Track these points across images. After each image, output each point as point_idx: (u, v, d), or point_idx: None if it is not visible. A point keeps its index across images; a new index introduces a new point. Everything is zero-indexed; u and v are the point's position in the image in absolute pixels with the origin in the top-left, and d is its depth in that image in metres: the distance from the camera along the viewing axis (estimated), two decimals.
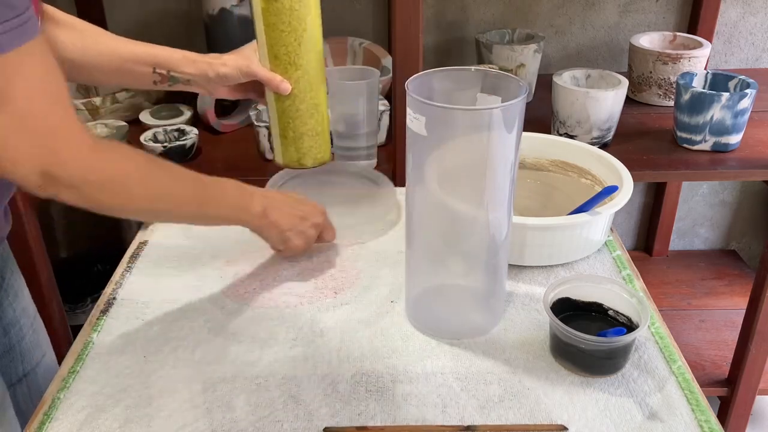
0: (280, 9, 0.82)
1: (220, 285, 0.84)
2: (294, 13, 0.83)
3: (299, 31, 0.84)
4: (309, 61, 0.86)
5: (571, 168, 0.97)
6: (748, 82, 1.23)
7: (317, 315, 0.79)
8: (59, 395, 0.69)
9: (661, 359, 0.72)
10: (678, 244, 1.90)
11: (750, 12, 1.60)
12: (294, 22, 0.83)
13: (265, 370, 0.71)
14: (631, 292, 0.72)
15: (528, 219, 0.81)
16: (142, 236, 0.94)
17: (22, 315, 0.91)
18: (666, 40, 1.48)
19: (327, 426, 0.65)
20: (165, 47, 0.89)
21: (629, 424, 0.65)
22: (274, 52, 0.85)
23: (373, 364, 0.72)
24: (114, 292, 0.83)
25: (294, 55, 0.85)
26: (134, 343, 0.75)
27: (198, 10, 1.49)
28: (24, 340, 0.90)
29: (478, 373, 0.71)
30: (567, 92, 1.22)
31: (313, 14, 0.85)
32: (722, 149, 1.24)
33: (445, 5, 1.58)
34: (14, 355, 0.89)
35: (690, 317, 1.66)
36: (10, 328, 0.89)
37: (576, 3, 1.58)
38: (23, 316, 0.91)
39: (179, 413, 0.66)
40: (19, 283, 0.91)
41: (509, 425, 0.65)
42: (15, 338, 0.90)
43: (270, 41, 0.85)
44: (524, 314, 0.79)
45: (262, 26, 0.84)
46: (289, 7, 0.82)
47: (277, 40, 0.84)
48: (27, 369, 0.90)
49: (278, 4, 0.82)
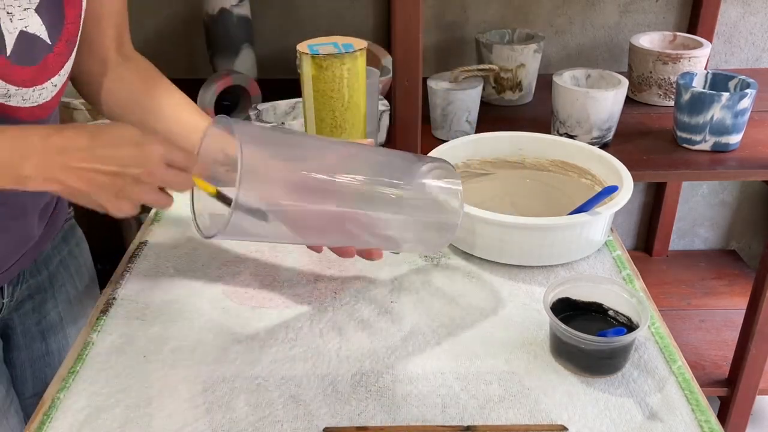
0: (331, 77, 0.84)
1: (220, 285, 0.84)
2: (344, 81, 0.85)
3: (347, 98, 0.86)
4: (353, 125, 0.88)
5: (571, 168, 0.97)
6: (748, 82, 1.23)
7: (317, 315, 0.79)
8: (59, 395, 0.69)
9: (661, 359, 0.72)
10: (678, 244, 1.90)
11: (750, 12, 1.60)
12: (343, 89, 0.85)
13: (265, 370, 0.71)
14: (631, 292, 0.72)
15: (528, 219, 0.81)
16: (142, 236, 0.94)
17: (70, 324, 0.91)
18: (666, 40, 1.48)
19: (327, 426, 0.65)
20: None
21: (629, 424, 0.65)
22: (321, 116, 0.87)
23: (373, 364, 0.72)
24: (114, 292, 0.83)
25: (340, 119, 0.88)
26: (134, 343, 0.75)
27: (198, 10, 1.49)
28: (67, 348, 0.90)
29: (478, 373, 0.71)
30: (567, 92, 1.22)
31: (361, 81, 0.87)
32: (722, 149, 1.24)
33: (445, 5, 1.58)
34: (50, 360, 0.89)
35: (690, 317, 1.66)
36: (51, 335, 0.89)
37: (576, 3, 1.58)
38: (70, 325, 0.91)
39: (179, 413, 0.66)
40: (72, 291, 0.92)
41: (509, 425, 0.65)
42: (55, 345, 0.90)
43: (318, 106, 0.87)
44: (524, 314, 0.79)
45: (311, 91, 0.86)
46: (339, 75, 0.84)
47: (325, 105, 0.86)
48: None
49: (329, 72, 0.84)
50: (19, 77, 0.67)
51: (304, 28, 1.59)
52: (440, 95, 1.26)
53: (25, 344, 0.88)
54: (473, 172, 1.00)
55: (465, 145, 0.99)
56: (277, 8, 1.57)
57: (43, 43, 0.69)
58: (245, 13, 1.42)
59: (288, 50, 1.32)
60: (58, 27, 0.70)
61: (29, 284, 0.86)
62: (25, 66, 0.68)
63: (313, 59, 0.84)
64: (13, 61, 0.66)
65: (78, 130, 0.63)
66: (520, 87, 1.45)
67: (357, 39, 0.88)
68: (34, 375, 0.89)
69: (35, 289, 0.87)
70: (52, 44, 0.70)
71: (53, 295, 0.89)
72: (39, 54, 0.69)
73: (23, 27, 0.66)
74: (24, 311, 0.86)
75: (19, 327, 0.86)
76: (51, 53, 0.70)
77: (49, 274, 0.88)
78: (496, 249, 0.85)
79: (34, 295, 0.87)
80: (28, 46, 0.67)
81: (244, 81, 1.32)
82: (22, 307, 0.86)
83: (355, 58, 0.85)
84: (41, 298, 0.88)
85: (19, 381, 0.88)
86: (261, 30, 1.55)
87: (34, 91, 0.70)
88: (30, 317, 0.87)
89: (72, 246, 0.92)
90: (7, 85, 0.66)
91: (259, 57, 1.50)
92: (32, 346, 0.89)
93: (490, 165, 1.01)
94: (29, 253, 0.82)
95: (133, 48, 0.85)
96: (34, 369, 0.89)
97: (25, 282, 0.85)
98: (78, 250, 0.94)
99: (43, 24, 0.68)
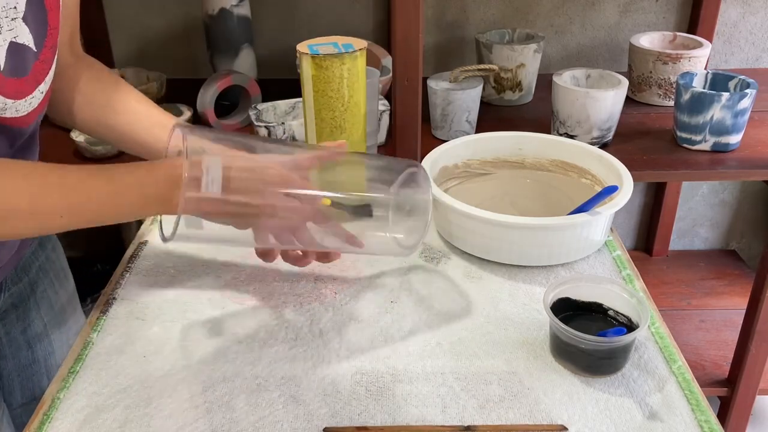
0: (331, 77, 0.84)
1: (219, 285, 0.84)
2: (344, 81, 0.85)
3: (347, 98, 0.86)
4: (353, 125, 0.88)
5: (571, 168, 0.97)
6: (748, 82, 1.23)
7: (317, 315, 0.79)
8: (59, 395, 0.69)
9: (661, 359, 0.72)
10: (678, 244, 1.90)
11: (750, 12, 1.60)
12: (343, 89, 0.85)
13: (265, 370, 0.71)
14: (631, 292, 0.72)
15: (528, 219, 0.81)
16: (142, 236, 0.94)
17: (54, 329, 0.90)
18: (666, 40, 1.48)
19: (327, 426, 0.65)
20: None
21: (629, 424, 0.65)
22: (321, 116, 0.87)
23: (373, 364, 0.72)
24: (114, 292, 0.83)
25: (340, 119, 0.87)
26: (134, 343, 0.75)
27: (198, 10, 1.49)
28: (53, 355, 0.89)
29: (478, 373, 0.71)
30: (567, 92, 1.22)
31: (361, 81, 0.86)
32: (722, 149, 1.24)
33: (445, 5, 1.58)
34: (37, 368, 0.89)
35: (690, 317, 1.66)
36: (36, 342, 0.89)
37: (576, 3, 1.58)
38: (55, 331, 0.90)
39: (179, 413, 0.66)
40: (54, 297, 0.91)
41: (509, 425, 0.65)
42: (41, 353, 0.89)
43: (318, 106, 0.86)
44: (524, 314, 0.79)
45: (311, 91, 0.85)
46: (339, 75, 0.84)
47: (325, 105, 0.86)
48: None
49: (329, 72, 0.83)
50: (13, 89, 0.66)
51: (304, 28, 1.59)
52: (440, 95, 1.26)
53: (12, 354, 0.86)
54: (473, 172, 1.00)
55: (465, 145, 0.99)
56: (277, 8, 1.57)
57: (30, 52, 0.68)
58: (245, 13, 1.42)
59: (288, 50, 1.32)
60: (42, 34, 0.69)
61: (11, 292, 0.84)
62: (18, 77, 0.66)
63: (313, 59, 0.84)
64: (6, 75, 0.65)
65: None
66: (520, 87, 1.45)
67: (357, 39, 0.88)
68: (22, 384, 0.88)
69: (18, 298, 0.85)
70: (38, 51, 0.69)
71: (36, 302, 0.87)
72: (28, 63, 0.68)
73: (12, 38, 0.65)
74: (9, 320, 0.85)
75: (4, 337, 0.85)
76: (37, 60, 0.69)
77: (29, 281, 0.86)
78: (496, 249, 0.85)
79: (18, 304, 0.85)
80: (18, 57, 0.66)
81: (244, 81, 1.32)
82: (7, 317, 0.84)
83: (355, 58, 0.85)
84: (24, 307, 0.86)
85: (6, 391, 0.87)
86: (261, 30, 1.55)
87: (26, 101, 0.68)
88: (15, 326, 0.86)
89: (48, 251, 0.91)
90: (4, 99, 0.65)
91: (259, 57, 1.50)
92: (18, 355, 0.87)
93: (490, 165, 1.01)
94: (10, 262, 0.81)
95: (81, 48, 0.84)
96: (22, 378, 0.88)
97: (7, 290, 0.83)
98: (55, 254, 0.92)
99: (30, 33, 0.67)
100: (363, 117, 0.89)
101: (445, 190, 0.93)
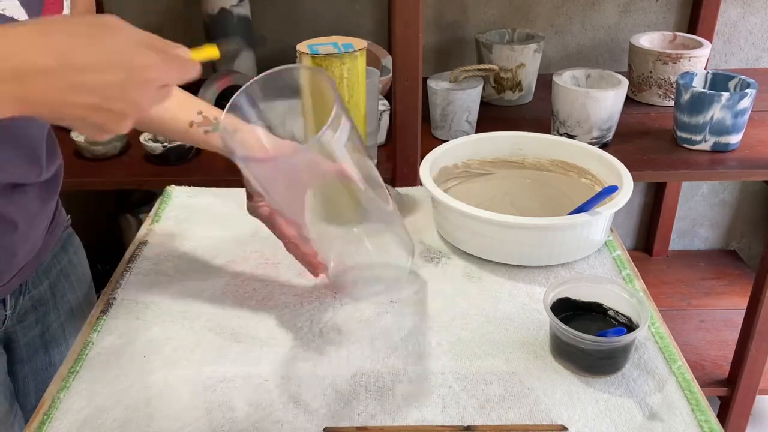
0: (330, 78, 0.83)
1: (219, 285, 0.84)
2: (344, 81, 0.84)
3: (347, 98, 0.85)
4: None
5: (571, 168, 0.97)
6: (748, 82, 1.23)
7: (317, 315, 0.79)
8: (59, 395, 0.69)
9: (661, 359, 0.72)
10: (678, 244, 1.90)
11: (750, 12, 1.60)
12: (343, 89, 0.84)
13: (265, 370, 0.71)
14: (631, 292, 0.72)
15: (528, 219, 0.81)
16: (142, 236, 0.94)
17: (72, 334, 0.90)
18: (666, 40, 1.48)
19: (327, 426, 0.65)
20: None
21: (629, 424, 0.65)
22: (320, 119, 0.86)
23: (373, 364, 0.72)
24: (114, 292, 0.83)
25: None
26: (134, 343, 0.75)
27: (198, 10, 1.49)
28: None
29: (478, 373, 0.71)
30: (567, 92, 1.22)
31: (361, 81, 0.85)
32: (722, 149, 1.24)
33: (445, 5, 1.58)
34: (52, 372, 0.87)
35: (690, 317, 1.66)
36: (54, 347, 0.89)
37: (576, 3, 1.59)
38: (72, 335, 0.90)
39: (179, 413, 0.66)
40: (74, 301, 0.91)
41: (509, 425, 0.65)
42: (57, 357, 0.89)
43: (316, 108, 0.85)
44: (524, 314, 0.79)
45: (308, 93, 0.84)
46: (339, 75, 0.83)
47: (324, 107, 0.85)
48: None
49: (329, 72, 0.82)
50: None
51: (304, 28, 1.59)
52: (440, 95, 1.26)
53: (28, 357, 0.87)
54: (473, 172, 1.00)
55: (465, 145, 0.99)
56: (277, 8, 1.57)
57: None
58: (245, 13, 1.43)
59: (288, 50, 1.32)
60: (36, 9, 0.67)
61: (31, 295, 0.84)
62: None
63: (313, 59, 0.84)
64: None
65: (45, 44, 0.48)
66: (520, 87, 1.45)
67: (357, 39, 0.88)
68: (37, 388, 0.88)
69: (37, 300, 0.86)
70: None
71: (55, 306, 0.88)
72: None
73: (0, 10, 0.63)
74: (27, 323, 0.85)
75: (22, 339, 0.85)
76: None
77: (50, 284, 0.87)
78: (496, 249, 0.85)
79: (37, 307, 0.86)
80: None
81: (244, 81, 1.32)
82: (26, 319, 0.85)
83: (355, 58, 0.85)
84: (44, 310, 0.87)
85: (21, 394, 0.87)
86: (261, 30, 1.55)
87: None
88: (33, 329, 0.86)
89: (71, 255, 0.91)
90: None
91: (259, 57, 1.50)
92: (35, 358, 0.88)
93: (490, 165, 1.01)
94: (30, 264, 0.81)
95: None
96: (37, 382, 0.88)
97: (28, 293, 0.84)
98: (77, 258, 0.93)
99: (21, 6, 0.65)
100: (363, 117, 0.89)
101: (445, 190, 0.93)
